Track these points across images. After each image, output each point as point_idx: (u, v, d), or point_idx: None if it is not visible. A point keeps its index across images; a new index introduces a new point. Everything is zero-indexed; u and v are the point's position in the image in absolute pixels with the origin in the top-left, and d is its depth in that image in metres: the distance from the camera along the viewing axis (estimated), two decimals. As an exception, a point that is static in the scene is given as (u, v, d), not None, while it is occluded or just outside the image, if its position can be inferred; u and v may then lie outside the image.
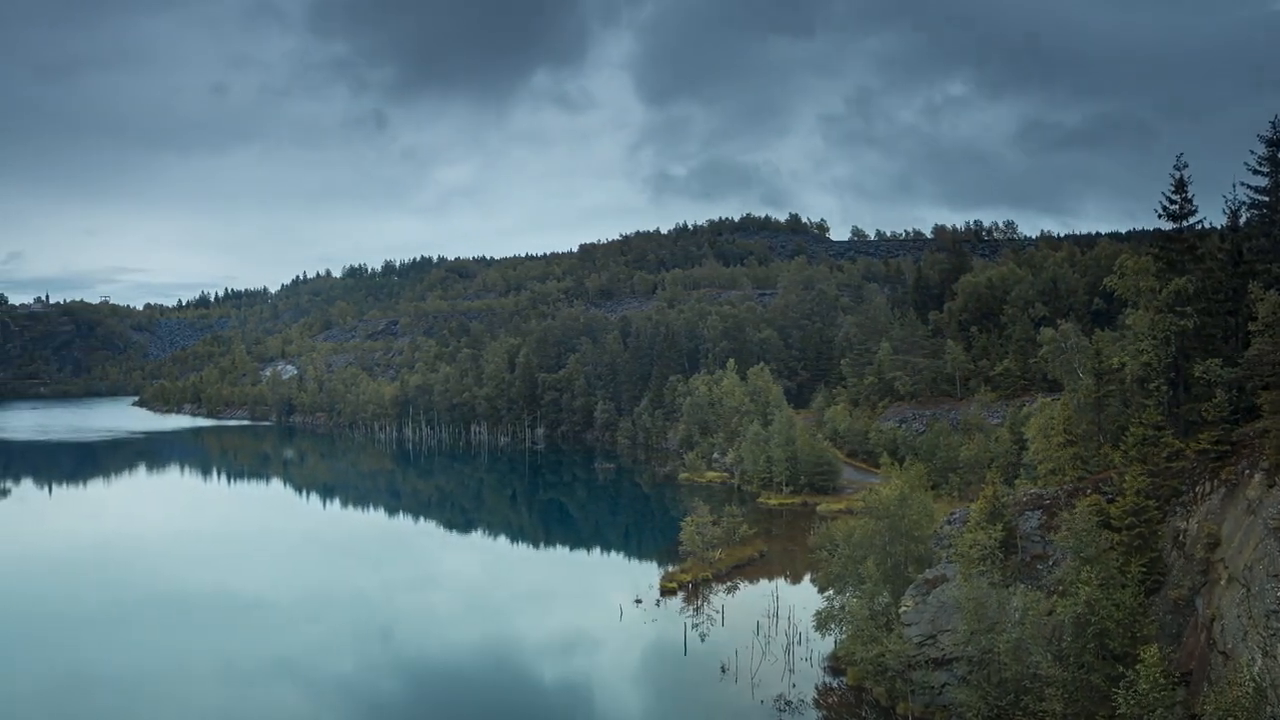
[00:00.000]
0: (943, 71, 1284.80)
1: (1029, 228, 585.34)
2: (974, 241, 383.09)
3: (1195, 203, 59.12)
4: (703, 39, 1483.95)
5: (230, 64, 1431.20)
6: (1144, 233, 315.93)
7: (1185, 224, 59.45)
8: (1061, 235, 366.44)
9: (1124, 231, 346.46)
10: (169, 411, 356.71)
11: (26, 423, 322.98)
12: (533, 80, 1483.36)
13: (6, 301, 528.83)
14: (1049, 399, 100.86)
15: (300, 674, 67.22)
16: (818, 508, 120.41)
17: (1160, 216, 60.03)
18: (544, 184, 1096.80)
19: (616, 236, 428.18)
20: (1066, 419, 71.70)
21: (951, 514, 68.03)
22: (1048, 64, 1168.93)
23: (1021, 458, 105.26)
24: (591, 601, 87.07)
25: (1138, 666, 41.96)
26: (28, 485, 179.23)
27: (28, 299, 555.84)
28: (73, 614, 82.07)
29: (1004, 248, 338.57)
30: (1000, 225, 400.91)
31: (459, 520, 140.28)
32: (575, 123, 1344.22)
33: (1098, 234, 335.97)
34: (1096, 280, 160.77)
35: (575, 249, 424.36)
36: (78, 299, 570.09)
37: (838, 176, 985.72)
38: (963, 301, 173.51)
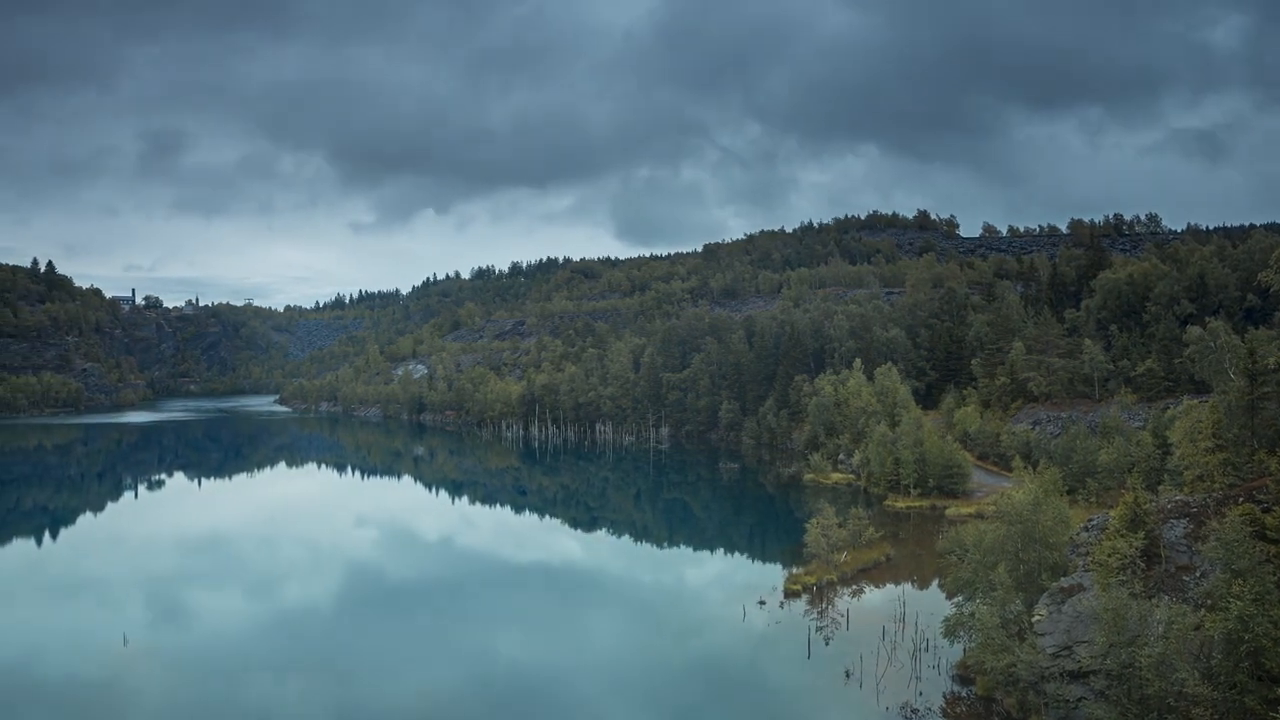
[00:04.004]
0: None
1: (1174, 220, 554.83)
2: (1113, 236, 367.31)
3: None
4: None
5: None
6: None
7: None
8: (1210, 228, 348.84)
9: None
10: (307, 409, 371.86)
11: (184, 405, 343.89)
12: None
13: (161, 304, 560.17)
14: (1195, 401, 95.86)
15: (442, 648, 69.46)
16: (946, 511, 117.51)
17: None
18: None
19: (741, 236, 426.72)
20: (1215, 422, 68.18)
21: (1089, 520, 65.38)
22: None
23: (1165, 463, 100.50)
24: (715, 601, 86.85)
25: (1297, 688, 39.43)
26: (209, 468, 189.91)
27: (180, 301, 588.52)
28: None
29: (1146, 242, 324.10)
30: (1142, 218, 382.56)
31: (584, 518, 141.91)
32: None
33: (1251, 225, 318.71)
34: (1250, 275, 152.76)
35: (700, 249, 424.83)
36: (224, 301, 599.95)
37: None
38: (1101, 299, 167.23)
